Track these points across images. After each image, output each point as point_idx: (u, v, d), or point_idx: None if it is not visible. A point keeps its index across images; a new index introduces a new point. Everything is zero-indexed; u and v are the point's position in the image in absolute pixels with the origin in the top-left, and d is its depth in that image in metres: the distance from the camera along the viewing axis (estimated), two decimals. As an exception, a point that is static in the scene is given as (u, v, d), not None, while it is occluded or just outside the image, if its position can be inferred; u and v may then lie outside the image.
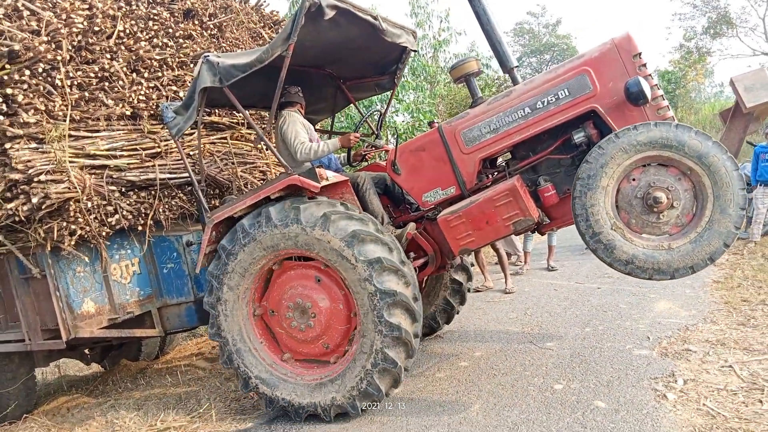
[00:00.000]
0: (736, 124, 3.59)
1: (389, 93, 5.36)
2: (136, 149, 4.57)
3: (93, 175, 4.18)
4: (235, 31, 5.83)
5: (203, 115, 4.42)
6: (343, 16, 3.62)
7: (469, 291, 5.29)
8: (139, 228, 4.62)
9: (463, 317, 5.77)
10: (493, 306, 6.31)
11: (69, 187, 3.98)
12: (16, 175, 3.81)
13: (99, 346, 5.95)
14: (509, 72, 4.01)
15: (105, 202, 4.24)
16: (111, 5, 4.50)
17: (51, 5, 4.11)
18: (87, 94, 4.27)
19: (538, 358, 4.35)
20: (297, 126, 4.29)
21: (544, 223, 3.97)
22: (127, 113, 4.55)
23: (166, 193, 4.77)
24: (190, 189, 4.96)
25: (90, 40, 4.31)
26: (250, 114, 5.02)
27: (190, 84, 4.21)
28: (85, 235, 4.17)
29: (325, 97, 5.29)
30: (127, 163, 4.45)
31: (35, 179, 3.84)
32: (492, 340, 5.05)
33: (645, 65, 3.47)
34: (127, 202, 4.45)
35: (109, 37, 4.45)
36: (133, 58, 4.64)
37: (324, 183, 3.73)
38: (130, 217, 4.46)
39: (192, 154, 4.94)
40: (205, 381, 5.18)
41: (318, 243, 3.55)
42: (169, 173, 4.73)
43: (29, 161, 3.84)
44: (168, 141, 4.77)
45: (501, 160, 4.26)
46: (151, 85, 4.78)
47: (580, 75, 3.53)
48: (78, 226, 4.07)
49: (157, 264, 4.86)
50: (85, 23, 4.21)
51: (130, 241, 4.70)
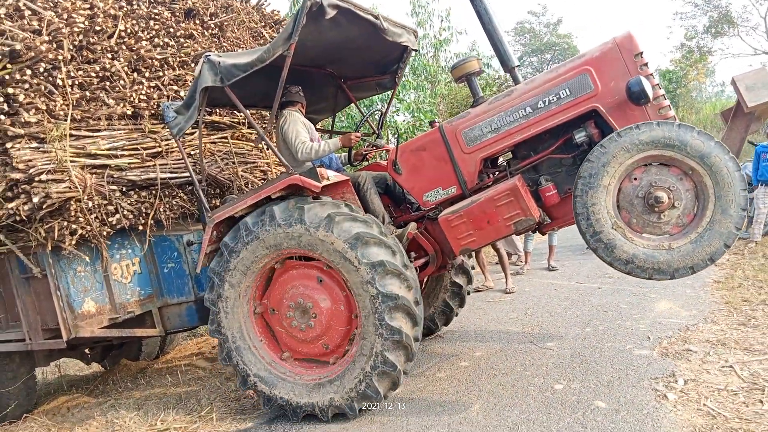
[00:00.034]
0: (738, 123, 3.59)
1: (390, 92, 5.36)
2: (137, 149, 4.57)
3: (94, 175, 4.18)
4: (236, 30, 5.82)
5: (204, 115, 4.41)
6: (345, 16, 3.62)
7: (469, 293, 5.29)
8: (140, 227, 4.62)
9: (464, 317, 5.77)
10: (494, 306, 6.31)
11: (70, 187, 3.98)
12: (17, 175, 3.81)
13: (99, 346, 5.95)
14: (510, 71, 4.00)
15: (106, 202, 4.24)
16: (112, 5, 4.50)
17: (52, 5, 4.11)
18: (88, 93, 4.27)
19: (538, 358, 4.35)
20: (298, 125, 4.28)
21: (545, 222, 3.97)
22: (128, 113, 4.55)
23: (167, 192, 4.77)
24: (190, 188, 4.96)
25: (91, 40, 4.31)
26: (251, 113, 5.03)
27: (191, 83, 4.21)
28: (86, 235, 4.17)
29: (326, 96, 5.28)
30: (128, 163, 4.45)
31: (36, 179, 3.84)
32: (492, 340, 5.04)
33: (646, 64, 3.47)
34: (128, 202, 4.45)
35: (110, 36, 4.45)
36: (134, 57, 4.64)
37: (325, 182, 3.73)
38: (131, 216, 4.46)
39: (193, 153, 4.94)
40: (205, 381, 5.17)
41: (321, 244, 3.54)
42: (170, 173, 4.73)
43: (30, 161, 3.84)
44: (169, 140, 4.77)
45: (502, 159, 4.25)
46: (152, 84, 4.78)
47: (582, 74, 3.52)
48: (79, 225, 4.07)
49: (158, 263, 4.86)
50: (86, 23, 4.21)
51: (131, 240, 4.70)
